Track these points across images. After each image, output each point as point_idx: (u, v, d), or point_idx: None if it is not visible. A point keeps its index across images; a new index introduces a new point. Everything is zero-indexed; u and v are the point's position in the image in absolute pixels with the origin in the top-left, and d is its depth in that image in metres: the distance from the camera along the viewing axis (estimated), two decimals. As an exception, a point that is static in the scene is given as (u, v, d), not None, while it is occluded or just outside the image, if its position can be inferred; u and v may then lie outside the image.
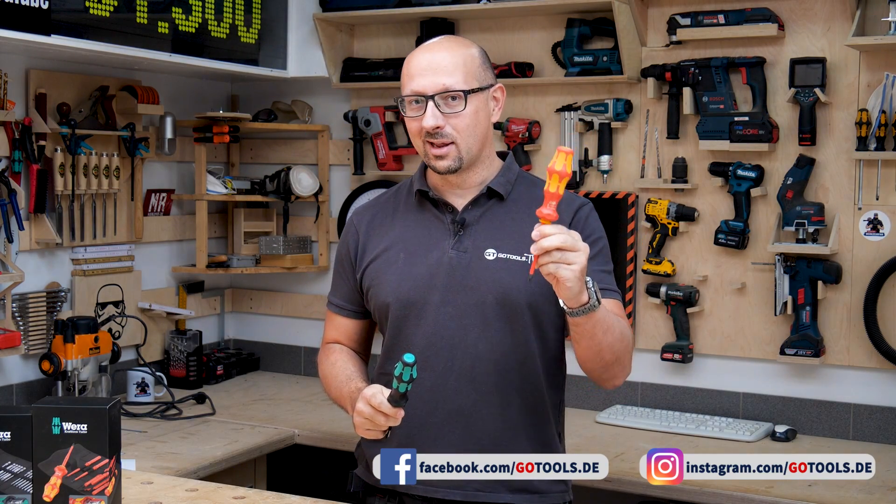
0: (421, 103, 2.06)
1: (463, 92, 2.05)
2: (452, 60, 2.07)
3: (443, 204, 2.15)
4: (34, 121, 3.27)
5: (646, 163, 3.50)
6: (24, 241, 3.32)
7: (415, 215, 2.18)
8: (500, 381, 2.09)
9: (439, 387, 2.09)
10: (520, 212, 2.13)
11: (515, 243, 2.09)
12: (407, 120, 2.11)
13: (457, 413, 2.09)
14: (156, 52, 3.35)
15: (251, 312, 4.27)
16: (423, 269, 2.11)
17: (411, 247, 2.15)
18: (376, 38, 3.93)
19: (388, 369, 2.09)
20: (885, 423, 3.20)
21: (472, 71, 2.08)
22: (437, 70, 2.06)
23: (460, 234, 2.12)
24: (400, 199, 2.24)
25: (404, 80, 2.10)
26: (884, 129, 3.10)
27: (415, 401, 2.07)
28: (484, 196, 2.14)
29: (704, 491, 2.76)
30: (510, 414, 2.11)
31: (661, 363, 3.49)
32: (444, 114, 2.05)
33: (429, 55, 2.10)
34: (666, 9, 3.41)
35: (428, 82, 2.05)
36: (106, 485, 1.87)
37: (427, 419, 2.10)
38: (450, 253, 2.11)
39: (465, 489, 2.10)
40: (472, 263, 2.10)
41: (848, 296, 3.23)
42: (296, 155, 4.13)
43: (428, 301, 2.10)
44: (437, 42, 2.15)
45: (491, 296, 2.07)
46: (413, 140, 2.13)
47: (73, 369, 3.29)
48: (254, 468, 3.28)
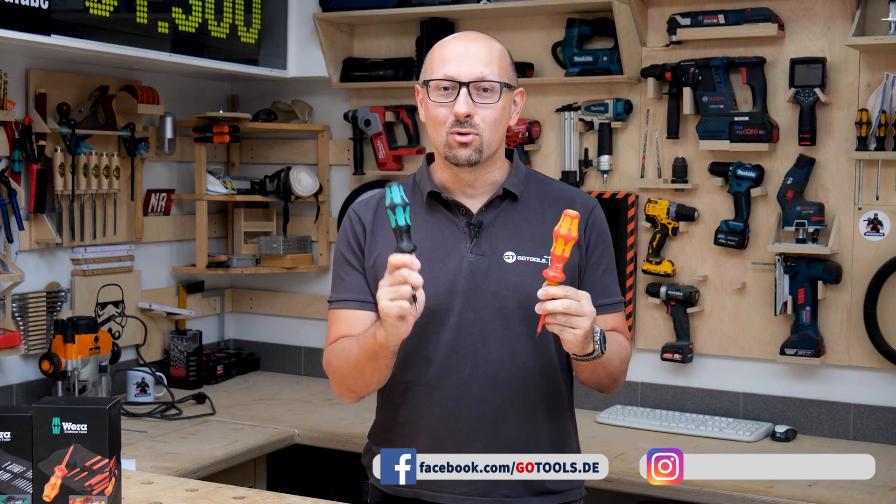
0: (450, 90, 1.99)
1: (499, 84, 2.00)
2: (490, 52, 2.02)
3: (455, 205, 2.08)
4: (34, 121, 3.27)
5: (646, 163, 3.50)
6: (24, 241, 3.32)
7: (425, 217, 2.09)
8: (524, 385, 2.06)
9: (463, 394, 2.04)
10: (533, 212, 2.10)
11: (534, 245, 2.06)
12: (430, 106, 2.02)
13: (482, 420, 2.04)
14: (156, 52, 3.35)
15: (251, 312, 4.27)
16: (442, 275, 2.04)
17: (426, 251, 2.03)
18: (376, 38, 3.93)
19: (405, 377, 2.05)
20: (885, 423, 3.20)
21: (505, 67, 2.04)
22: (475, 58, 1.99)
23: (477, 238, 2.06)
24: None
25: (434, 65, 2.02)
26: (884, 129, 3.09)
27: (438, 409, 2.05)
28: (498, 197, 2.09)
29: (704, 491, 2.76)
30: (535, 417, 2.08)
31: (661, 363, 3.48)
32: (476, 103, 1.99)
33: (464, 44, 2.03)
34: (666, 9, 3.41)
35: (465, 69, 1.99)
36: (106, 485, 1.87)
37: (452, 427, 2.04)
38: (468, 257, 2.05)
39: (492, 496, 2.06)
40: (491, 267, 2.05)
41: (848, 296, 3.23)
42: (296, 155, 4.13)
43: (450, 308, 2.04)
44: (470, 34, 2.09)
45: (513, 300, 2.03)
46: (433, 129, 2.04)
47: (73, 369, 3.29)
48: (254, 468, 3.28)
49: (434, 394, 2.05)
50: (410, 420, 2.09)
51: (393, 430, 2.13)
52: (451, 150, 2.01)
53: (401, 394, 2.09)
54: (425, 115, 2.07)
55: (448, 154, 2.02)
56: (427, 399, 2.03)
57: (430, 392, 2.05)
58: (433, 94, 2.01)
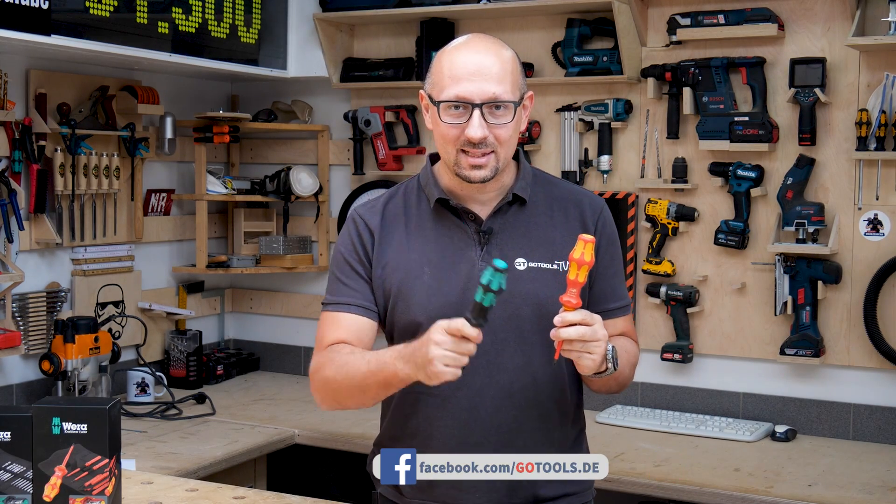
0: (462, 109, 1.92)
1: (514, 104, 1.94)
2: (502, 67, 1.93)
3: (464, 212, 2.02)
4: (34, 121, 3.27)
5: (646, 163, 3.50)
6: (24, 241, 3.32)
7: (433, 223, 2.04)
8: (538, 394, 2.02)
9: (477, 405, 1.99)
10: (542, 216, 2.05)
11: (544, 251, 2.02)
12: (441, 125, 1.94)
13: (496, 430, 2.01)
14: (156, 52, 3.35)
15: (251, 312, 4.27)
16: (453, 284, 1.99)
17: (435, 259, 2.00)
18: (376, 38, 3.93)
19: (416, 388, 1.93)
20: (885, 423, 3.20)
21: (517, 79, 1.96)
22: (487, 76, 1.91)
23: (487, 245, 2.01)
24: (410, 203, 2.08)
25: (444, 82, 1.93)
26: (884, 129, 3.09)
27: (451, 420, 2.00)
28: (507, 203, 2.03)
29: (704, 491, 2.76)
30: (549, 426, 2.05)
31: (661, 363, 3.48)
32: (489, 124, 1.91)
33: (475, 57, 1.93)
34: (666, 9, 3.41)
35: (476, 88, 1.90)
36: (106, 485, 1.87)
37: (465, 438, 2.00)
38: (479, 265, 1.98)
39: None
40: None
41: (848, 296, 3.23)
42: (296, 155, 4.13)
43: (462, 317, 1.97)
44: (480, 42, 1.97)
45: (527, 308, 1.99)
46: (443, 146, 1.97)
47: (73, 369, 3.29)
48: (254, 468, 3.28)
49: (446, 405, 2.00)
50: (421, 431, 2.03)
51: (403, 441, 2.05)
52: (462, 171, 1.96)
53: (411, 404, 2.03)
54: (434, 129, 2.00)
55: (459, 173, 1.97)
56: (439, 410, 1.99)
57: (443, 403, 2.00)
58: (444, 113, 1.93)
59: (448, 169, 2.01)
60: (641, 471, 2.89)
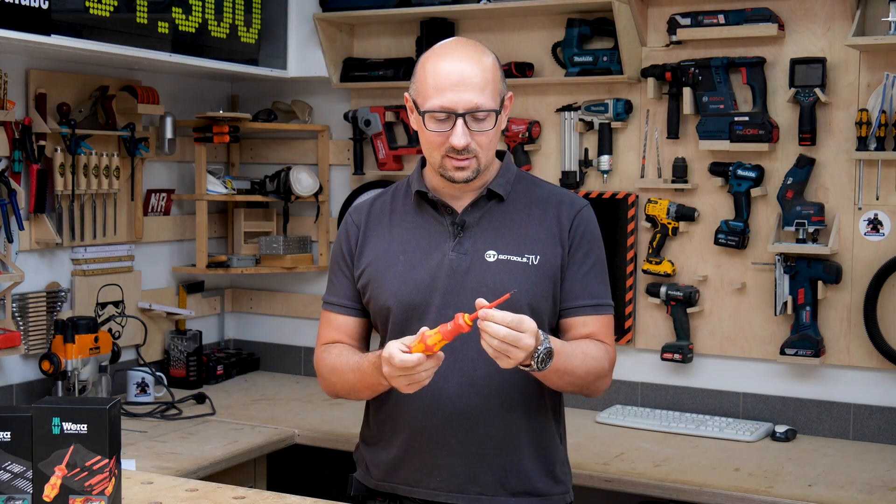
0: (445, 118, 2.03)
1: (495, 112, 2.05)
2: (483, 76, 2.03)
3: (442, 206, 2.15)
4: (34, 121, 3.27)
5: (646, 163, 3.50)
6: (24, 241, 3.32)
7: (413, 217, 2.17)
8: (502, 383, 2.09)
9: (441, 390, 2.07)
10: (518, 212, 2.15)
11: (516, 244, 2.11)
12: (426, 132, 2.07)
13: (458, 416, 2.08)
14: (156, 52, 3.35)
15: (251, 312, 4.27)
16: (423, 272, 2.11)
17: (410, 249, 2.14)
18: (376, 38, 3.93)
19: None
20: (885, 423, 3.20)
21: (497, 86, 2.06)
22: (469, 86, 2.01)
23: (460, 237, 2.12)
24: (397, 199, 2.22)
25: (428, 91, 2.04)
26: (884, 129, 3.09)
27: (416, 404, 2.09)
28: (484, 197, 2.14)
29: (704, 491, 2.76)
30: (513, 416, 2.11)
31: (661, 363, 3.48)
32: (471, 131, 2.03)
33: (458, 66, 2.03)
34: (666, 9, 3.41)
35: (458, 98, 2.01)
36: (106, 485, 1.87)
37: (427, 423, 2.10)
38: (450, 255, 2.11)
39: (467, 493, 2.10)
40: (472, 266, 2.10)
41: (848, 296, 3.23)
42: (296, 155, 4.13)
43: (429, 304, 2.10)
44: (461, 50, 2.08)
45: (492, 297, 2.03)
46: (429, 151, 2.10)
47: (73, 369, 3.29)
48: (254, 468, 3.28)
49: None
50: (391, 416, 2.15)
51: (377, 426, 2.20)
52: (448, 173, 2.09)
53: (385, 391, 2.12)
54: (419, 134, 2.12)
55: (444, 174, 2.10)
56: (407, 395, 2.05)
57: None
58: (429, 122, 2.05)
59: (433, 170, 2.14)
60: (641, 471, 2.89)
